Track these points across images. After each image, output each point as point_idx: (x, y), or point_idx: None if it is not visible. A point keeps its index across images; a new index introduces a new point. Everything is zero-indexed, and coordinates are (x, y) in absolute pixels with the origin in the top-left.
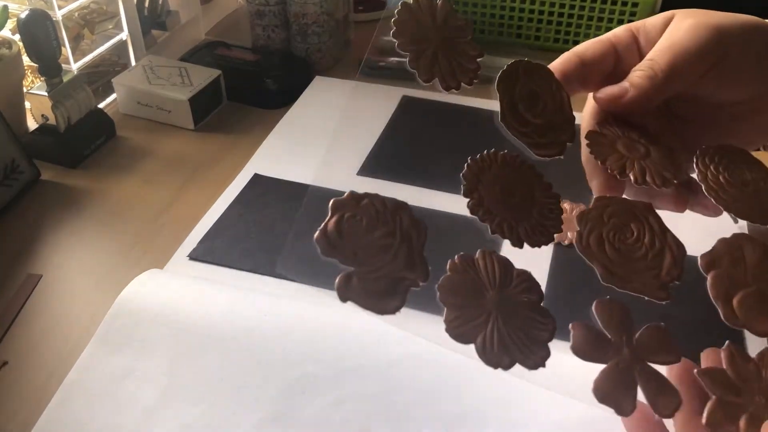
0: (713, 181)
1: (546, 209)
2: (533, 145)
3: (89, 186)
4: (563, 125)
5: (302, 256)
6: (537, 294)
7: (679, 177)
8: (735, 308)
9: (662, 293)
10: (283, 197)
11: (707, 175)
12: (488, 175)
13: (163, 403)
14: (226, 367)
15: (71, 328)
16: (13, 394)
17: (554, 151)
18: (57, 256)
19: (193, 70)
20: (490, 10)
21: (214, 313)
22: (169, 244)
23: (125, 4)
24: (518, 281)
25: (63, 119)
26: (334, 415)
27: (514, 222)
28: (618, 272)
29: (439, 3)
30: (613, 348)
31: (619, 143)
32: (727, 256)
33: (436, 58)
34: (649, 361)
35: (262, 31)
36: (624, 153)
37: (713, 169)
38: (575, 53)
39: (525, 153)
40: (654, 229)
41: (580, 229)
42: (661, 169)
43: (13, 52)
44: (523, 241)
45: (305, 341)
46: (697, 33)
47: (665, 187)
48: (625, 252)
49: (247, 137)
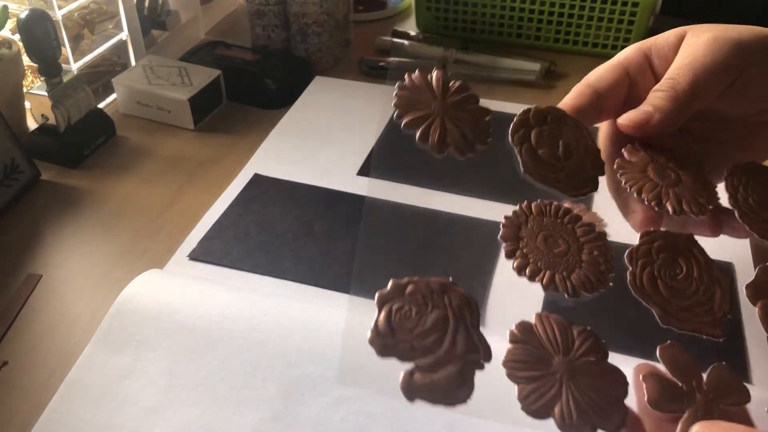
0: (744, 205)
1: (595, 251)
2: (566, 189)
3: (89, 186)
4: (590, 160)
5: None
6: (602, 351)
7: (713, 202)
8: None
9: (717, 330)
10: (283, 197)
11: (738, 199)
12: (526, 230)
13: (163, 403)
14: (226, 367)
15: (71, 327)
16: (14, 393)
17: (588, 188)
18: (57, 256)
19: (193, 70)
20: (490, 10)
21: (214, 313)
22: (169, 244)
23: (125, 4)
24: (581, 341)
25: (63, 119)
26: (334, 415)
27: (566, 272)
28: (674, 312)
29: (433, 74)
30: (687, 396)
31: (649, 169)
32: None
33: (444, 129)
34: (722, 404)
35: (262, 31)
36: (657, 181)
37: (743, 191)
38: (588, 84)
39: (557, 196)
40: (701, 263)
41: (632, 268)
42: (696, 194)
43: (13, 52)
44: (579, 291)
45: (305, 341)
46: (717, 48)
47: (702, 215)
48: (677, 289)
49: (247, 137)
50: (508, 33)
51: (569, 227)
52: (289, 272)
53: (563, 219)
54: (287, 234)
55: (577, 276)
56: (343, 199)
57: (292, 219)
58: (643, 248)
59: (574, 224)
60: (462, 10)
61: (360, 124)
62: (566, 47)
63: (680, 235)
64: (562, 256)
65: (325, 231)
